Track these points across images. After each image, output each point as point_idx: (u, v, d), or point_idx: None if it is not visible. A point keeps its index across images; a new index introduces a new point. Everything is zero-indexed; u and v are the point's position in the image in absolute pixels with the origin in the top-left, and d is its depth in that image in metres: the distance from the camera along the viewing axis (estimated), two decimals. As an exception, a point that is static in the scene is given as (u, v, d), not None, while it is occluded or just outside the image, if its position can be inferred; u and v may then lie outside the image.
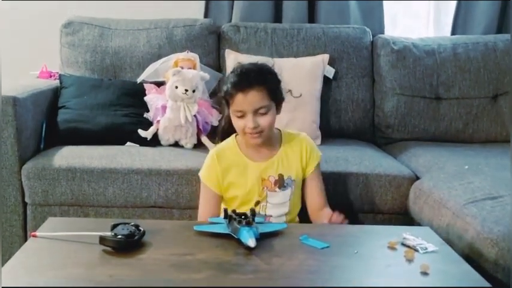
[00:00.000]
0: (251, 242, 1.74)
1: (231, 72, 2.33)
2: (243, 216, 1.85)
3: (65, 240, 1.81)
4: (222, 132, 2.51)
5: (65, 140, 2.99)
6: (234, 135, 2.43)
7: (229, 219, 1.88)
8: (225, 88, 2.29)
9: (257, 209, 2.24)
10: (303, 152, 2.40)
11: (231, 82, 2.25)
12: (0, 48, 3.64)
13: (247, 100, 2.21)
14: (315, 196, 2.43)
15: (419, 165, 2.92)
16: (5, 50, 3.70)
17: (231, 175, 2.35)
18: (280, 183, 2.35)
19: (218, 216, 2.24)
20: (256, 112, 2.22)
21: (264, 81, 2.23)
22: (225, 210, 1.96)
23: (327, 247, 1.84)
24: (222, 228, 1.88)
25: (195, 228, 1.92)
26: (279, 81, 2.33)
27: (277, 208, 2.36)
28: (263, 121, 2.23)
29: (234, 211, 1.91)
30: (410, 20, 4.26)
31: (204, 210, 2.39)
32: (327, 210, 2.34)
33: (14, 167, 2.75)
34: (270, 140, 2.37)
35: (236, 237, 1.81)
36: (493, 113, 3.45)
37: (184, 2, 3.85)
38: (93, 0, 3.81)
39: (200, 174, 2.43)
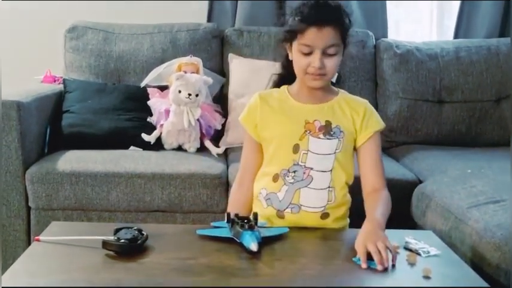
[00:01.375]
0: (253, 246, 1.73)
1: (303, 4, 2.07)
2: (245, 220, 1.84)
3: (68, 245, 1.81)
4: (278, 80, 2.26)
5: (69, 144, 3.00)
6: (285, 86, 2.20)
7: (232, 223, 1.87)
8: (293, 20, 2.06)
9: (296, 158, 2.05)
10: (359, 111, 2.11)
11: (303, 13, 2.03)
12: (1, 52, 3.66)
13: (321, 35, 1.99)
14: (370, 171, 2.12)
15: (422, 168, 2.93)
16: (10, 55, 3.71)
17: (271, 115, 2.13)
18: (327, 129, 2.06)
19: (257, 169, 2.17)
20: (325, 52, 2.00)
21: (340, 18, 2.05)
22: (228, 214, 1.92)
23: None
24: (225, 232, 1.87)
25: (198, 232, 1.92)
26: (350, 25, 2.12)
27: (319, 160, 2.06)
28: (330, 63, 2.02)
29: (236, 215, 1.88)
30: (413, 25, 4.27)
31: (243, 162, 2.24)
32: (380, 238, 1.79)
33: (18, 171, 2.76)
34: (326, 88, 2.14)
35: (238, 241, 1.81)
36: (495, 116, 3.45)
37: (187, 6, 3.86)
38: (98, 0, 3.83)
39: (240, 117, 2.22)
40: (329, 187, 2.06)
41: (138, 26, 3.60)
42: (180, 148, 3.09)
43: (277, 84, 2.24)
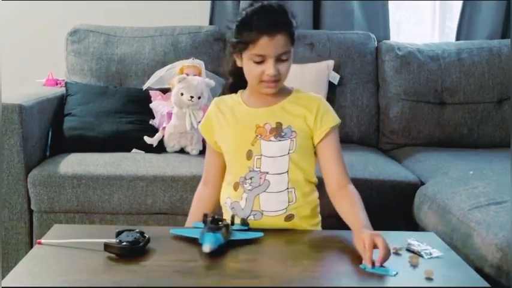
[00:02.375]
0: (205, 248, 1.72)
1: (250, 12, 2.03)
2: (220, 222, 1.83)
3: (70, 247, 1.82)
4: (230, 88, 2.24)
5: (71, 147, 3.00)
6: (240, 91, 2.19)
7: (205, 223, 1.85)
8: (241, 29, 2.02)
9: (250, 164, 2.05)
10: (312, 109, 2.08)
11: (252, 22, 1.98)
12: (4, 55, 3.66)
13: (273, 44, 1.96)
14: (331, 168, 2.09)
15: (424, 170, 2.92)
16: (12, 58, 3.73)
17: (224, 123, 2.14)
18: (277, 131, 2.04)
19: (220, 170, 2.19)
20: (278, 58, 1.98)
21: (289, 24, 2.01)
22: (205, 215, 1.89)
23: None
24: (195, 233, 1.86)
25: (170, 231, 1.92)
26: (298, 25, 2.08)
27: (273, 163, 2.04)
28: (283, 68, 2.00)
29: (213, 217, 1.86)
30: (415, 27, 4.28)
31: (206, 165, 2.27)
32: (369, 234, 1.82)
33: (20, 174, 2.76)
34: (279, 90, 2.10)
35: (199, 242, 1.79)
36: (497, 118, 3.45)
37: (189, 9, 3.86)
38: (99, 2, 3.84)
39: (199, 125, 2.29)
40: (288, 188, 2.05)
41: (140, 29, 3.61)
42: (182, 151, 3.09)
43: (230, 92, 2.23)
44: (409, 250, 1.86)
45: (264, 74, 1.99)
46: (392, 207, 2.77)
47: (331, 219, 2.10)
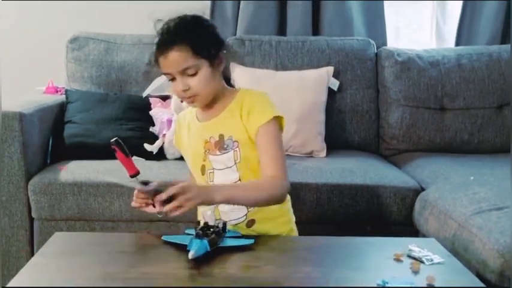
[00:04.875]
0: (190, 254, 1.71)
1: (158, 31, 2.01)
2: (211, 229, 1.83)
3: (72, 255, 1.82)
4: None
5: (71, 154, 3.00)
6: None
7: (196, 230, 1.85)
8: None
9: (206, 178, 2.06)
10: (243, 109, 2.01)
11: (155, 43, 1.98)
12: (4, 63, 3.67)
13: (168, 62, 1.93)
14: (263, 164, 2.00)
15: (424, 176, 2.92)
16: (12, 66, 3.72)
17: (183, 140, 2.18)
18: (221, 144, 2.02)
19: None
20: (183, 73, 1.93)
21: (185, 37, 1.93)
22: (197, 223, 1.90)
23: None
24: (185, 240, 1.85)
25: (163, 238, 1.92)
26: (210, 32, 2.01)
27: (224, 175, 2.03)
28: (194, 82, 1.94)
29: (206, 223, 1.87)
30: (414, 32, 4.28)
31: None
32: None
33: (21, 182, 2.77)
34: (218, 99, 2.05)
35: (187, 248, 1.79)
36: (498, 123, 3.45)
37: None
38: (100, 8, 3.85)
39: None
40: None
41: (140, 36, 3.61)
42: (182, 158, 3.08)
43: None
44: (410, 256, 1.86)
45: (177, 90, 1.98)
46: (393, 213, 2.77)
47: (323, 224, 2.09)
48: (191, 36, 1.94)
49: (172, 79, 1.96)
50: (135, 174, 1.92)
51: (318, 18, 3.83)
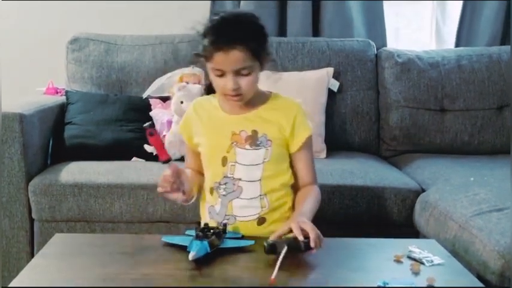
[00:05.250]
0: (190, 255, 1.72)
1: (209, 23, 1.99)
2: (211, 230, 1.84)
3: (72, 257, 1.82)
4: (207, 90, 2.20)
5: (72, 155, 3.00)
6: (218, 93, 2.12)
7: (196, 231, 1.86)
8: (202, 44, 1.98)
9: (225, 170, 2.05)
10: (289, 118, 2.07)
11: (210, 36, 1.94)
12: (4, 63, 3.67)
13: (228, 60, 1.91)
14: (301, 174, 2.12)
15: (424, 177, 2.92)
16: (12, 67, 3.72)
17: (201, 128, 2.13)
18: (253, 140, 2.03)
19: (198, 169, 2.18)
20: (237, 72, 1.93)
21: (248, 38, 1.92)
22: (197, 224, 1.90)
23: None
24: (185, 241, 1.86)
25: (162, 239, 1.93)
26: (265, 37, 2.02)
27: (247, 171, 2.05)
28: (245, 82, 1.95)
29: (206, 224, 1.88)
30: (414, 33, 4.28)
31: (186, 163, 2.28)
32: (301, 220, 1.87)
33: (21, 183, 2.76)
34: (253, 97, 2.06)
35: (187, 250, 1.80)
36: (498, 124, 3.44)
37: (189, 17, 3.85)
38: (100, 9, 3.85)
39: (179, 125, 2.29)
40: (260, 195, 2.06)
41: (140, 37, 3.61)
42: (182, 159, 3.08)
43: (207, 93, 2.21)
44: (410, 258, 1.86)
45: (225, 87, 1.96)
46: (393, 214, 2.77)
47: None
48: (255, 37, 1.96)
49: (221, 75, 1.95)
50: (167, 160, 1.95)
51: (318, 19, 3.83)
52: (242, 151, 2.04)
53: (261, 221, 2.06)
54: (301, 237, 1.77)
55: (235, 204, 2.05)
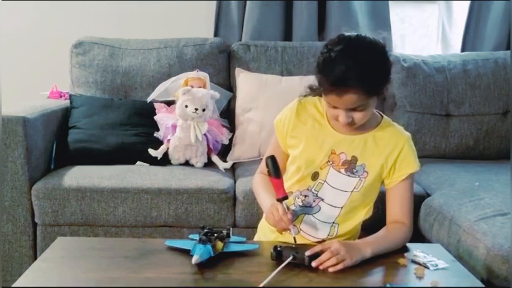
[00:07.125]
0: (193, 259, 1.71)
1: (329, 57, 1.83)
2: (215, 234, 1.83)
3: (75, 260, 1.81)
4: (310, 89, 2.05)
5: (75, 159, 3.00)
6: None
7: (199, 235, 1.85)
8: (318, 72, 1.86)
9: (311, 185, 1.99)
10: (396, 148, 1.98)
11: (327, 72, 1.81)
12: (8, 67, 3.67)
13: (341, 101, 1.81)
14: (395, 211, 2.06)
15: (429, 182, 2.91)
16: (16, 71, 3.73)
17: (301, 134, 2.03)
18: (349, 166, 1.97)
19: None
20: (352, 109, 1.85)
21: (365, 81, 1.78)
22: (202, 228, 1.87)
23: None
24: (188, 245, 1.85)
25: (165, 242, 1.92)
26: (387, 71, 1.90)
27: (332, 194, 1.98)
28: (359, 117, 1.87)
29: (210, 228, 1.86)
30: (420, 39, 4.27)
31: (262, 164, 2.13)
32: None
33: (24, 187, 2.76)
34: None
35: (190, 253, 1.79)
36: (503, 129, 3.43)
37: (194, 21, 3.87)
38: (104, 13, 3.85)
39: (275, 119, 2.12)
40: (333, 222, 2.02)
41: (145, 41, 3.61)
42: (187, 163, 3.08)
43: (311, 91, 2.06)
44: (414, 262, 1.85)
45: (338, 117, 1.89)
46: (398, 219, 2.75)
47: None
48: (371, 80, 1.81)
49: (335, 107, 1.87)
50: (283, 198, 1.90)
51: (324, 24, 3.82)
52: (335, 173, 1.99)
53: (322, 241, 2.00)
54: (308, 253, 1.76)
55: (306, 219, 2.02)
